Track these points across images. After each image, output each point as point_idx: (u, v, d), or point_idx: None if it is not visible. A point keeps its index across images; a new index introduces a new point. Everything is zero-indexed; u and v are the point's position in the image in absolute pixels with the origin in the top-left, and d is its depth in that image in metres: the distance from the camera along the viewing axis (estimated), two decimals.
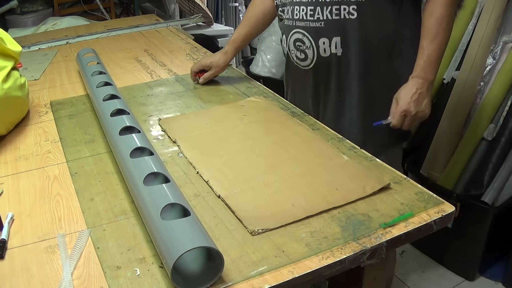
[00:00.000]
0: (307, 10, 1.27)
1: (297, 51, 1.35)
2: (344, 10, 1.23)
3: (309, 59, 1.33)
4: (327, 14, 1.24)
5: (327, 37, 1.27)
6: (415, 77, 1.24)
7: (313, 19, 1.26)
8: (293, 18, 1.32)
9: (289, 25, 1.35)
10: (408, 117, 1.23)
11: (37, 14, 3.20)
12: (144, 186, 0.91)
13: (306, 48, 1.31)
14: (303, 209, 0.93)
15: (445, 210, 0.92)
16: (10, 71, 1.31)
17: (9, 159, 1.19)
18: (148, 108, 1.44)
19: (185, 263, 0.79)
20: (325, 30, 1.26)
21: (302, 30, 1.31)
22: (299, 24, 1.31)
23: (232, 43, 1.56)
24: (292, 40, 1.35)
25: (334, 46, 1.27)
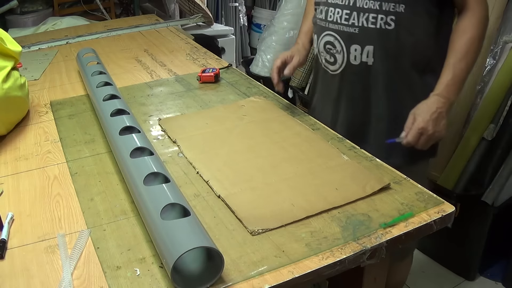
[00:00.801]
0: (343, 13, 1.21)
1: (327, 54, 1.29)
2: (381, 19, 1.17)
3: (338, 64, 1.27)
4: (363, 21, 1.19)
5: (360, 44, 1.21)
6: (437, 95, 1.17)
7: (347, 23, 1.21)
8: (327, 19, 1.26)
9: (321, 26, 1.29)
10: (424, 135, 1.16)
11: (37, 14, 3.20)
12: (144, 186, 0.91)
13: (337, 52, 1.26)
14: (303, 209, 0.93)
15: (445, 210, 0.92)
16: (10, 71, 1.31)
17: (9, 159, 1.19)
18: (148, 108, 1.44)
19: (185, 263, 0.79)
20: (359, 37, 1.21)
21: (334, 33, 1.25)
22: (332, 26, 1.25)
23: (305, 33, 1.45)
24: (323, 42, 1.29)
25: (366, 55, 1.22)
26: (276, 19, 2.99)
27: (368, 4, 1.17)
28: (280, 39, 2.95)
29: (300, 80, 2.81)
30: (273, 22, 3.02)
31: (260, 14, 4.07)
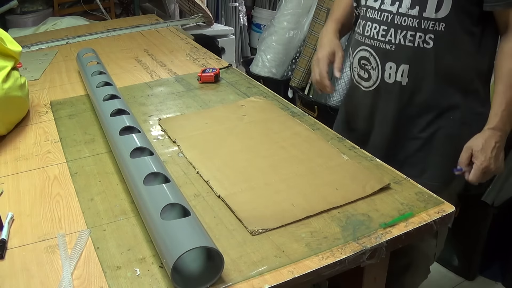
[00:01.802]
0: (380, 29, 1.16)
1: (361, 69, 1.24)
2: (419, 37, 1.11)
3: (372, 81, 1.22)
4: (400, 38, 1.13)
5: (395, 62, 1.16)
6: (493, 128, 1.11)
7: (384, 40, 1.16)
8: (363, 34, 1.21)
9: (357, 40, 1.24)
10: (487, 173, 1.13)
11: (37, 14, 3.19)
12: (144, 186, 0.91)
13: (371, 68, 1.21)
14: (303, 209, 0.93)
15: (445, 210, 0.92)
16: (10, 71, 1.31)
17: (9, 159, 1.19)
18: (148, 108, 1.44)
19: (185, 263, 0.79)
20: (395, 55, 1.16)
21: (370, 49, 1.20)
22: (368, 42, 1.20)
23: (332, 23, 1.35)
24: (358, 57, 1.24)
25: (401, 74, 1.16)
26: (276, 19, 2.99)
27: (406, 21, 1.11)
28: (280, 39, 2.95)
29: (300, 80, 2.81)
30: (273, 22, 3.02)
31: (260, 14, 4.07)
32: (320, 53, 1.28)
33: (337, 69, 1.26)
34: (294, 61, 2.97)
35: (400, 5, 1.12)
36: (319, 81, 1.28)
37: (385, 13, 1.15)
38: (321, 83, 1.27)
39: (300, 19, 2.91)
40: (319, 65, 1.27)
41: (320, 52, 1.29)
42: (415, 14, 1.10)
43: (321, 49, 1.29)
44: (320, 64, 1.27)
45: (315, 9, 2.73)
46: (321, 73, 1.26)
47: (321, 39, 1.33)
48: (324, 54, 1.27)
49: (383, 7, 1.15)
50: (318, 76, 1.27)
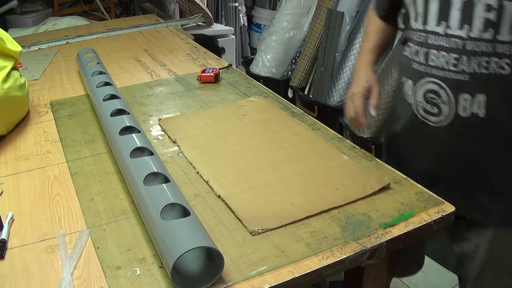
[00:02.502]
0: (450, 58, 1.02)
1: (428, 104, 1.09)
2: (495, 63, 0.99)
3: (443, 115, 1.07)
4: (474, 67, 1.00)
5: (470, 93, 1.02)
6: None
7: (456, 69, 1.02)
8: (428, 64, 1.07)
9: (420, 71, 1.09)
10: None
11: (37, 14, 3.19)
12: (144, 186, 0.91)
13: (442, 102, 1.06)
14: (303, 209, 0.93)
15: (445, 210, 0.92)
16: (10, 71, 1.31)
17: (9, 159, 1.19)
18: (148, 108, 1.44)
19: (185, 263, 0.79)
20: (469, 85, 1.02)
21: (439, 81, 1.05)
22: (436, 73, 1.05)
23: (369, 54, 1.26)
24: (423, 90, 1.09)
25: (477, 105, 1.03)
26: (276, 19, 2.99)
27: (480, 46, 0.99)
28: (280, 39, 2.95)
29: (300, 80, 2.81)
30: (273, 22, 3.02)
31: (260, 14, 4.07)
32: (356, 88, 1.21)
33: (373, 106, 1.19)
34: (294, 61, 2.97)
35: (471, 29, 0.98)
36: (354, 118, 1.22)
37: (454, 39, 1.01)
38: (357, 120, 1.21)
39: (300, 19, 2.91)
40: (354, 101, 1.21)
41: (355, 87, 1.22)
42: (489, 38, 0.98)
43: (356, 84, 1.23)
44: (356, 100, 1.20)
45: (315, 9, 2.73)
46: (357, 110, 1.20)
47: (357, 72, 1.26)
48: (360, 90, 1.20)
49: (450, 32, 1.01)
50: (353, 113, 1.21)
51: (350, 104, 1.22)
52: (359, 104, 1.19)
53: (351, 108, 1.21)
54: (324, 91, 2.64)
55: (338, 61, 2.58)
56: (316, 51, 2.72)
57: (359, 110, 1.20)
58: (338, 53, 2.58)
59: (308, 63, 2.77)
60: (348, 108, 1.22)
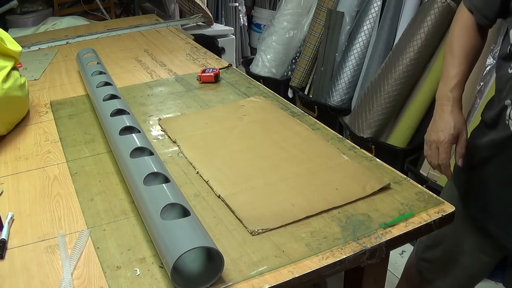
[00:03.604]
0: None
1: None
2: None
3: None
4: None
5: None
6: None
7: None
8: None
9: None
10: None
11: (37, 14, 3.19)
12: (144, 186, 0.91)
13: None
14: (303, 209, 0.93)
15: (445, 210, 0.92)
16: (10, 71, 1.31)
17: (9, 159, 1.19)
18: (148, 108, 1.44)
19: (185, 263, 0.79)
20: None
21: None
22: None
23: (456, 87, 1.07)
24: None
25: None
26: (276, 19, 2.99)
27: None
28: (280, 39, 2.95)
29: (300, 80, 2.82)
30: (273, 22, 3.02)
31: (260, 14, 4.07)
32: (443, 134, 1.04)
33: (460, 155, 1.04)
34: (294, 61, 2.98)
35: None
36: (437, 167, 1.07)
37: None
38: (442, 171, 1.07)
39: (300, 19, 2.92)
40: (440, 151, 1.04)
41: (442, 132, 1.04)
42: None
43: (444, 129, 1.04)
44: (442, 150, 1.04)
45: (315, 9, 2.73)
46: (443, 162, 1.04)
47: (443, 110, 1.06)
48: (447, 138, 1.03)
49: None
50: (438, 163, 1.06)
51: (435, 152, 1.05)
52: (446, 155, 1.03)
53: (435, 158, 1.05)
54: (324, 91, 2.64)
55: (338, 61, 2.58)
56: (316, 51, 2.72)
57: (446, 162, 1.04)
58: (338, 53, 2.58)
59: (308, 63, 2.77)
60: (432, 155, 1.07)
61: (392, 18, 2.33)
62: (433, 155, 1.06)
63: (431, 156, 1.08)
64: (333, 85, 2.58)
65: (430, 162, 1.08)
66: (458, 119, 1.05)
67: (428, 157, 1.09)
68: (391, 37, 2.34)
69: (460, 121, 1.05)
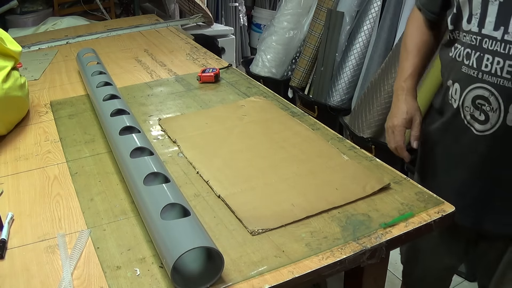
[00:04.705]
0: (505, 64, 0.97)
1: (476, 110, 1.04)
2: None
3: (490, 124, 1.02)
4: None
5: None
6: None
7: (510, 77, 0.97)
8: (480, 69, 1.01)
9: (470, 76, 1.03)
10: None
11: (37, 14, 3.19)
12: (144, 186, 0.91)
13: (491, 110, 1.01)
14: (303, 209, 0.93)
15: (445, 210, 0.92)
16: (10, 71, 1.31)
17: (9, 159, 1.19)
18: (148, 108, 1.44)
19: (185, 263, 0.79)
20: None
21: (491, 88, 1.00)
22: (488, 79, 1.00)
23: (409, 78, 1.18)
24: (472, 95, 1.04)
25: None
26: (276, 19, 2.99)
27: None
28: (280, 39, 2.95)
29: (300, 80, 2.82)
30: (273, 22, 3.02)
31: (260, 14, 4.07)
32: (397, 119, 1.15)
33: (414, 138, 1.13)
34: (294, 61, 2.98)
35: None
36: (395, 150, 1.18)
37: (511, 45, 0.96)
38: (399, 153, 1.17)
39: (300, 19, 2.92)
40: (395, 134, 1.15)
41: (396, 118, 1.15)
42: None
43: (397, 114, 1.16)
44: (397, 133, 1.15)
45: (315, 9, 2.73)
46: (398, 143, 1.15)
47: (397, 99, 1.17)
48: (400, 122, 1.14)
49: (507, 38, 0.96)
50: (394, 146, 1.16)
51: (391, 136, 1.16)
52: (400, 137, 1.14)
53: (392, 141, 1.16)
54: (324, 91, 2.64)
55: (338, 61, 2.58)
56: (316, 51, 2.72)
57: (400, 144, 1.14)
58: (338, 53, 2.58)
59: (308, 63, 2.77)
60: (389, 139, 1.18)
61: (392, 18, 2.33)
62: (390, 139, 1.17)
63: (389, 141, 1.18)
64: (333, 85, 2.58)
65: (390, 147, 1.19)
66: (411, 105, 1.16)
67: (387, 143, 1.19)
68: (391, 37, 2.34)
69: (413, 107, 1.15)
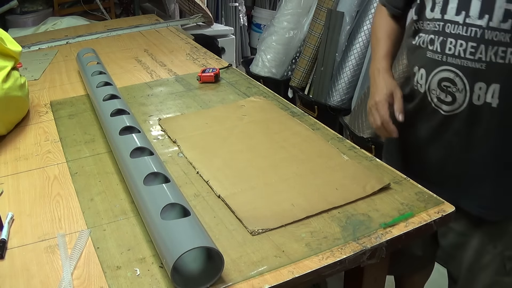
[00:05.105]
0: (467, 46, 1.02)
1: (442, 92, 1.09)
2: (511, 53, 1.00)
3: (457, 104, 1.08)
4: (491, 55, 1.01)
5: (486, 82, 1.04)
6: None
7: (473, 58, 1.02)
8: (444, 52, 1.06)
9: (434, 60, 1.09)
10: None
11: (37, 14, 3.20)
12: (144, 186, 0.91)
13: (457, 91, 1.06)
14: (303, 209, 0.93)
15: (445, 210, 0.92)
16: (10, 71, 1.31)
17: (9, 159, 1.19)
18: (148, 108, 1.44)
19: (185, 263, 0.79)
20: (485, 74, 1.03)
21: (455, 69, 1.05)
22: (452, 61, 1.05)
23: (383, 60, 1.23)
24: (438, 78, 1.09)
25: (491, 94, 1.04)
26: (276, 19, 2.99)
27: (498, 36, 1.00)
28: (280, 39, 2.95)
29: (300, 80, 2.82)
30: (273, 22, 3.02)
31: (260, 14, 4.07)
32: (378, 96, 1.16)
33: (398, 110, 1.14)
34: (294, 61, 2.97)
35: (491, 19, 1.00)
36: (381, 127, 1.16)
37: (472, 28, 1.02)
38: (385, 128, 1.15)
39: (300, 19, 2.92)
40: (378, 110, 1.15)
41: (377, 95, 1.17)
42: (507, 28, 0.99)
43: (377, 92, 1.18)
44: (380, 108, 1.15)
45: (315, 9, 2.73)
46: (383, 118, 1.14)
47: (374, 81, 1.21)
48: (382, 98, 1.16)
49: (469, 21, 1.02)
50: (380, 121, 1.15)
51: (375, 113, 1.16)
52: (384, 112, 1.14)
53: (377, 117, 1.16)
54: (324, 91, 2.64)
55: (338, 61, 2.58)
56: (316, 51, 2.72)
57: (386, 118, 1.14)
58: (338, 53, 2.58)
59: (308, 63, 2.77)
60: (374, 117, 1.17)
61: None
62: (374, 117, 1.16)
63: (374, 119, 1.17)
64: (333, 85, 2.58)
65: (375, 126, 1.17)
66: (389, 82, 1.18)
67: (373, 123, 1.17)
68: None
69: (391, 83, 1.17)
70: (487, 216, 1.12)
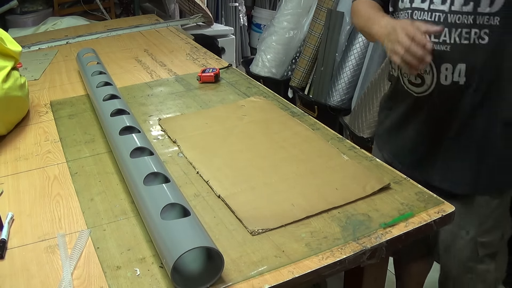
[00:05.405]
0: None
1: (412, 75, 1.16)
2: (475, 34, 1.05)
3: (426, 85, 1.14)
4: (455, 37, 1.07)
5: (451, 63, 1.09)
6: None
7: (438, 41, 1.08)
8: None
9: None
10: None
11: (37, 14, 3.20)
12: (144, 186, 0.91)
13: (425, 73, 1.12)
14: (303, 209, 0.93)
15: (445, 210, 0.92)
16: (10, 71, 1.31)
17: (9, 159, 1.19)
18: (148, 108, 1.44)
19: (185, 263, 0.79)
20: (450, 55, 1.08)
21: None
22: None
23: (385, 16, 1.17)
24: None
25: (458, 73, 1.09)
26: (276, 19, 2.99)
27: (461, 19, 1.05)
28: (280, 39, 2.95)
29: (300, 80, 2.82)
30: (273, 22, 3.02)
31: (260, 14, 4.07)
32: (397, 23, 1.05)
33: (430, 27, 1.02)
34: (294, 61, 2.97)
35: (453, 3, 1.06)
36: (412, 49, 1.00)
37: (436, 13, 1.08)
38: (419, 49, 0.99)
39: (300, 19, 2.92)
40: (406, 30, 1.00)
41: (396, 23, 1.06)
42: (469, 11, 1.04)
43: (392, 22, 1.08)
44: (405, 26, 1.01)
45: (315, 9, 2.73)
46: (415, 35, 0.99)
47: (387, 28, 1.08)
48: (404, 21, 1.05)
49: (433, 7, 1.08)
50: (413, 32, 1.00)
51: (401, 36, 1.00)
52: (411, 29, 1.00)
53: (410, 30, 1.00)
54: (324, 91, 2.64)
55: (338, 61, 2.58)
56: (316, 51, 2.72)
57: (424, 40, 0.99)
58: (338, 53, 2.58)
59: (308, 63, 2.77)
60: (401, 42, 1.01)
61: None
62: (402, 40, 1.00)
63: (407, 32, 1.00)
64: (333, 85, 2.58)
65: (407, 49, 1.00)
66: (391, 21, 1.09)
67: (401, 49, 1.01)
68: None
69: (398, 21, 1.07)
70: (458, 190, 1.16)
